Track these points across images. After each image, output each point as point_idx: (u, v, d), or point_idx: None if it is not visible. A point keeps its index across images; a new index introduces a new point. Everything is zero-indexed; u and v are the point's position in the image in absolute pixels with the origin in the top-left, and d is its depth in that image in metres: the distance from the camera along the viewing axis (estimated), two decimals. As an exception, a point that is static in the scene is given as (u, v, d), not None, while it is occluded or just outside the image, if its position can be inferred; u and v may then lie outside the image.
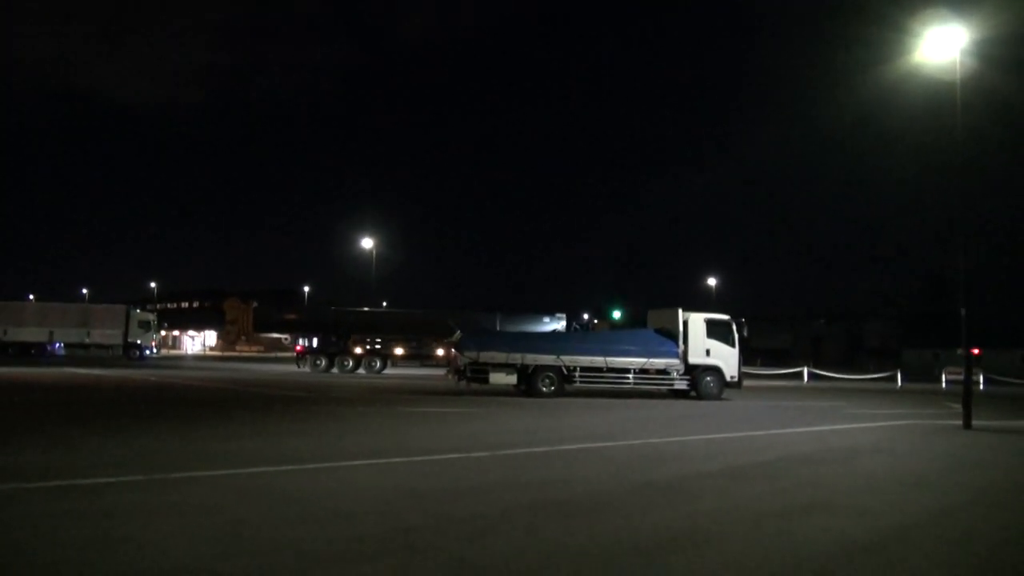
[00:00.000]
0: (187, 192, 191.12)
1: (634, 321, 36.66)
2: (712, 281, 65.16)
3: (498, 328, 32.58)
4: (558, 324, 35.29)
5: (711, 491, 7.64)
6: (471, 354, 21.48)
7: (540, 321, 35.09)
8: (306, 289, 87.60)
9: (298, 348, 39.64)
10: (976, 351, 16.36)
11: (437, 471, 8.43)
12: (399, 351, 37.16)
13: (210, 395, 20.42)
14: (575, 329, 34.91)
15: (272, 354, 75.73)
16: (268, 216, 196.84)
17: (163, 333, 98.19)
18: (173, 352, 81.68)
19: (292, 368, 37.83)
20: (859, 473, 9.17)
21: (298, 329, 39.98)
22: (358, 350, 35.54)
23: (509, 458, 9.57)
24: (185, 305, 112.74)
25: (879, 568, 5.05)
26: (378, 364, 35.32)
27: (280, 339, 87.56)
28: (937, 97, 17.48)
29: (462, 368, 21.63)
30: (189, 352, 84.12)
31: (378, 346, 36.00)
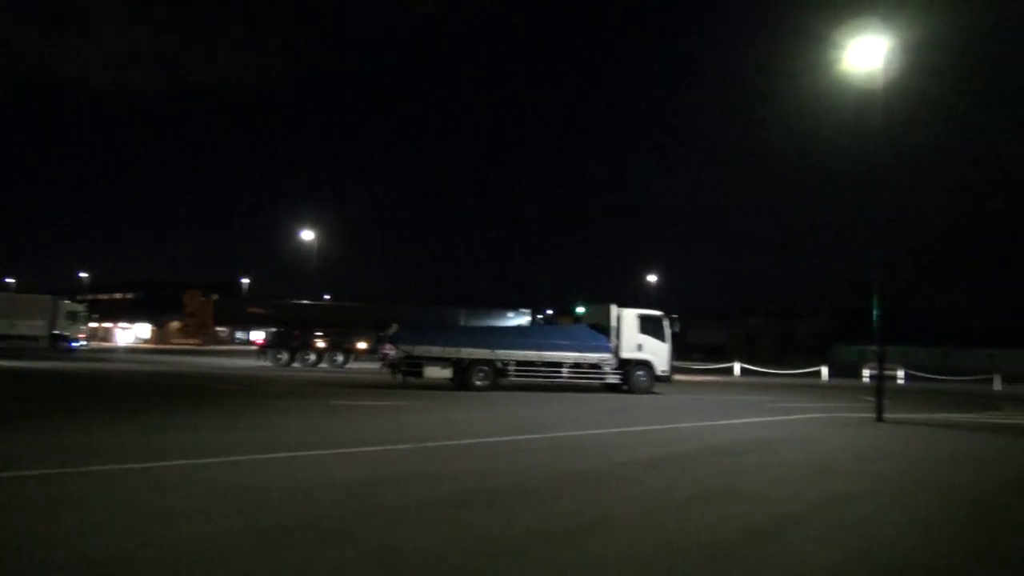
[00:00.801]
0: (121, 181, 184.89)
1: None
2: (652, 278, 66.42)
3: (463, 323, 32.59)
4: (523, 319, 35.46)
5: (628, 481, 7.89)
6: (406, 348, 21.46)
7: (505, 316, 35.17)
8: (245, 281, 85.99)
9: (259, 342, 38.84)
10: (887, 347, 17.06)
11: (361, 463, 8.48)
12: (362, 345, 36.80)
13: (139, 388, 19.93)
14: (540, 323, 35.25)
15: (209, 347, 74.12)
16: (205, 206, 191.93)
17: (93, 325, 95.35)
18: (105, 344, 79.10)
19: (229, 361, 37.08)
20: (771, 463, 9.55)
21: (261, 323, 39.21)
22: (320, 344, 35.09)
23: (435, 450, 9.66)
24: (118, 296, 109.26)
25: (773, 551, 5.33)
26: (340, 358, 34.85)
27: (217, 331, 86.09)
28: (866, 103, 18.17)
29: (397, 362, 21.61)
30: (121, 344, 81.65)
31: (340, 340, 35.50)
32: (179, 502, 6.16)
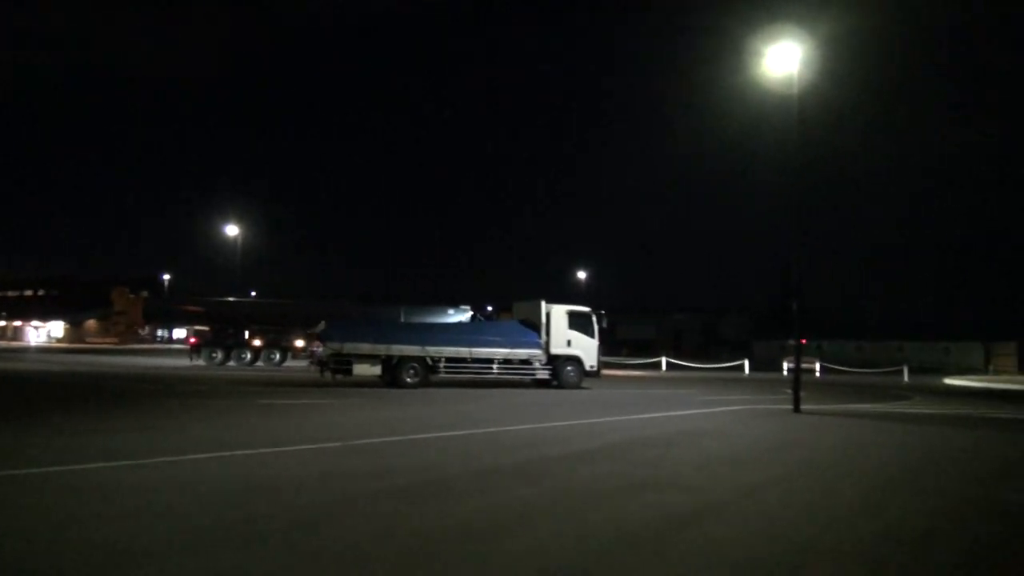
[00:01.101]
0: (30, 174, 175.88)
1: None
2: (582, 275, 67.34)
3: (402, 320, 32.17)
4: (463, 316, 35.22)
5: (555, 474, 8.01)
6: (334, 345, 21.18)
7: (445, 313, 34.82)
8: (166, 277, 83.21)
9: (192, 340, 37.46)
10: (803, 341, 17.79)
11: (284, 462, 8.36)
12: (299, 343, 35.96)
13: (52, 389, 19.09)
14: (479, 320, 35.00)
15: (128, 346, 71.41)
16: (120, 201, 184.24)
17: (1, 323, 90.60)
18: (14, 344, 75.40)
19: (155, 361, 35.83)
20: (693, 454, 9.85)
21: (194, 320, 37.79)
22: (257, 342, 34.07)
23: (362, 448, 9.59)
24: (29, 293, 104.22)
25: (691, 537, 5.51)
26: (277, 356, 33.83)
27: (136, 330, 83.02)
28: (782, 106, 18.84)
29: (325, 360, 21.31)
30: (32, 344, 77.99)
31: (277, 338, 34.48)
32: (97, 505, 5.97)
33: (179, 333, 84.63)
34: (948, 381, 38.73)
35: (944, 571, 4.89)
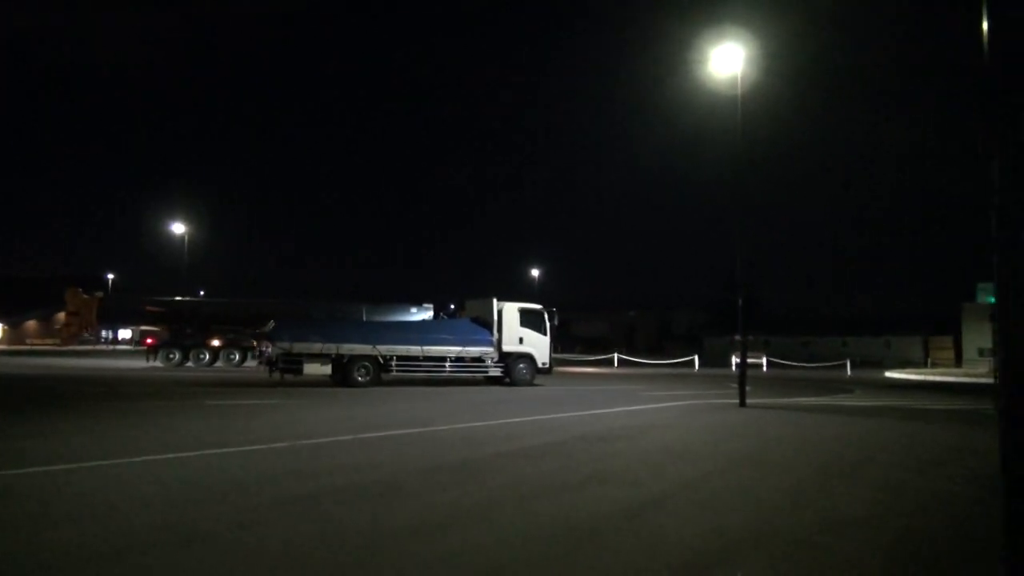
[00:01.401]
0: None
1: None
2: (536, 272, 67.70)
3: (364, 319, 31.75)
4: (426, 314, 34.91)
5: (502, 470, 8.07)
6: (284, 344, 20.92)
7: (407, 311, 34.46)
8: (110, 276, 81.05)
9: (148, 341, 36.37)
10: (744, 337, 18.19)
11: (230, 464, 8.24)
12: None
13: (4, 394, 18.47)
14: (442, 318, 34.79)
15: (72, 347, 69.36)
16: (57, 198, 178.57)
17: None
18: (-53, 346, 72.64)
19: (104, 362, 34.85)
20: (639, 448, 10.00)
21: (151, 320, 36.65)
22: (216, 342, 33.22)
23: (309, 447, 9.51)
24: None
25: (636, 528, 5.61)
26: (237, 357, 33.02)
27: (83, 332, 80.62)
28: (727, 106, 19.22)
29: (274, 359, 21.03)
30: (-34, 347, 75.24)
31: (237, 338, 33.59)
32: (34, 508, 5.82)
33: (124, 334, 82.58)
34: (889, 374, 39.96)
35: (875, 556, 5.07)
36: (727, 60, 16.95)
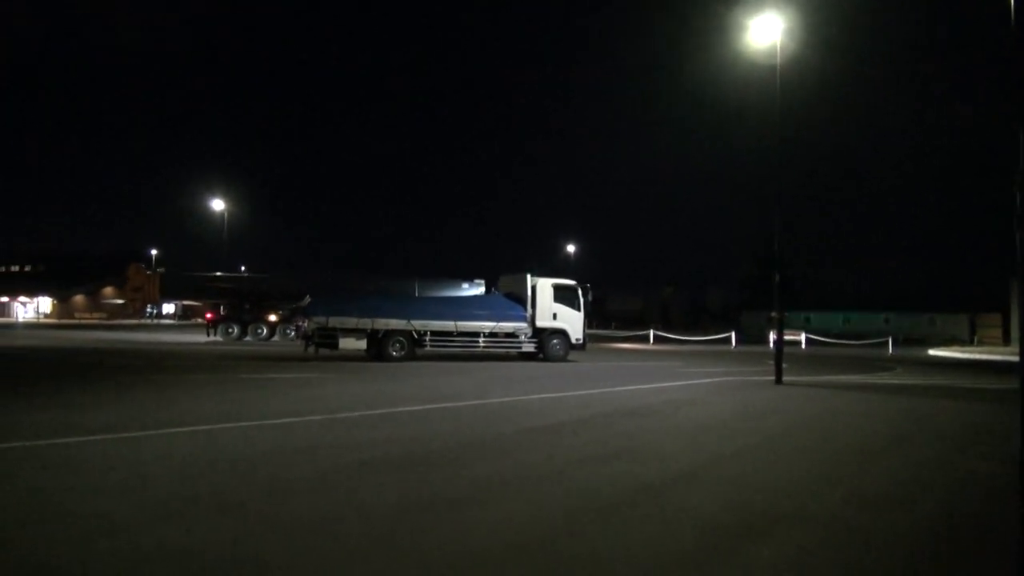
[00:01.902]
0: (7, 149, 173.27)
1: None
2: (571, 248, 67.48)
3: (417, 295, 32.10)
4: (477, 289, 35.23)
5: (532, 445, 8.09)
6: (319, 319, 21.19)
7: (459, 287, 34.83)
8: (154, 252, 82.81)
9: (209, 316, 37.43)
10: (785, 313, 17.96)
11: (265, 436, 8.40)
12: None
13: (36, 366, 19.06)
14: (494, 294, 35.23)
15: (116, 321, 71.18)
16: (101, 175, 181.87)
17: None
18: (1, 320, 75.02)
19: (154, 336, 35.73)
20: (671, 424, 9.95)
21: (211, 296, 37.60)
22: (272, 317, 34.08)
23: (344, 421, 9.65)
24: (15, 269, 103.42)
25: (661, 504, 5.59)
26: (293, 331, 33.82)
27: (125, 305, 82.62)
28: (767, 77, 18.81)
29: (311, 334, 21.31)
30: (20, 320, 77.58)
31: (293, 313, 34.29)
32: (64, 481, 6.00)
33: (168, 308, 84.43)
34: (933, 352, 39.12)
35: (905, 535, 4.99)
36: (765, 30, 16.56)
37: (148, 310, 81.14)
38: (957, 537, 5.09)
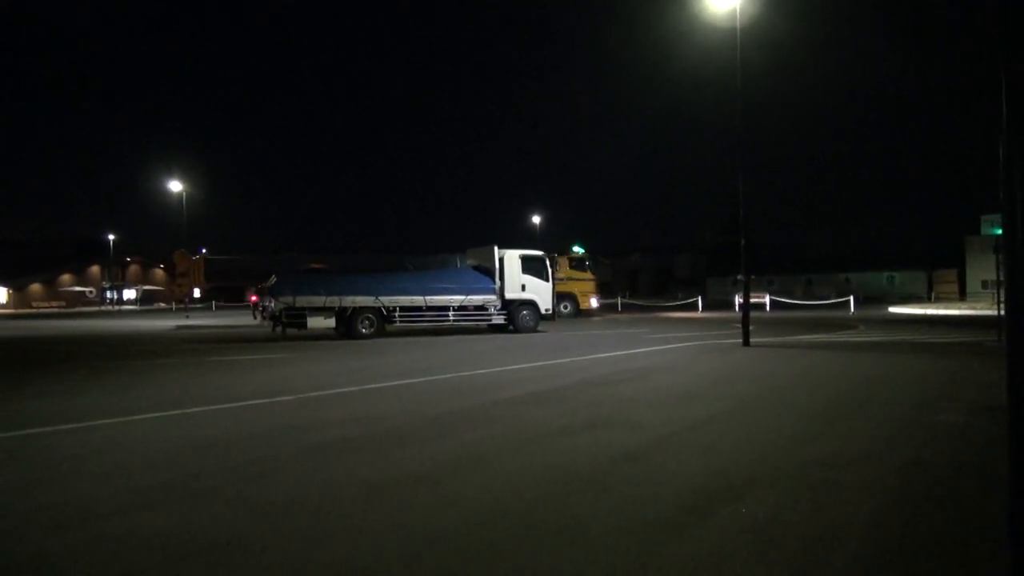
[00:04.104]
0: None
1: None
2: (537, 219, 67.43)
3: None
4: None
5: (505, 417, 8.08)
6: (286, 299, 20.93)
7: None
8: (111, 237, 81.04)
9: (253, 298, 36.89)
10: (747, 277, 18.18)
11: (236, 418, 8.28)
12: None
13: (4, 356, 18.58)
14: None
15: (75, 309, 69.67)
16: (46, 159, 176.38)
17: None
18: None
19: (124, 323, 34.97)
20: (644, 391, 10.02)
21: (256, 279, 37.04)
22: None
23: (314, 400, 9.55)
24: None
25: (636, 471, 5.63)
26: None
27: (84, 292, 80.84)
28: (726, 41, 18.78)
29: (278, 314, 21.04)
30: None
31: None
32: (35, 471, 5.86)
33: (129, 294, 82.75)
34: (892, 309, 39.97)
35: (878, 489, 5.08)
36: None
37: (108, 295, 79.54)
38: (931, 487, 5.20)
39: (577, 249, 38.49)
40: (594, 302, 36.46)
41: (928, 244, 71.53)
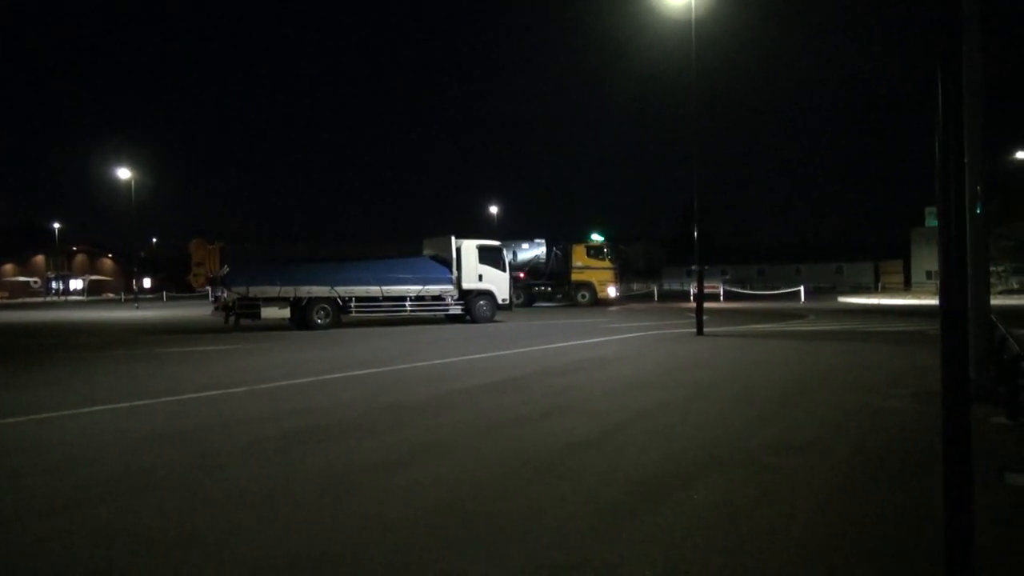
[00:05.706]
0: None
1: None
2: (494, 209, 67.33)
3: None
4: (538, 250, 34.75)
5: (462, 406, 8.11)
6: (240, 289, 20.57)
7: (519, 247, 34.21)
8: (56, 226, 78.73)
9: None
10: (700, 267, 18.50)
11: (190, 410, 8.16)
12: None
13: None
14: (555, 255, 34.92)
15: (19, 300, 67.55)
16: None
17: None
18: None
19: (83, 314, 33.93)
20: (599, 379, 10.13)
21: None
22: None
23: (268, 391, 9.45)
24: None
25: (592, 458, 5.71)
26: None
27: (28, 282, 78.41)
28: (680, 33, 18.96)
29: (231, 304, 20.68)
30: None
31: None
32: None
33: (75, 284, 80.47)
34: (841, 300, 40.95)
35: (825, 473, 5.24)
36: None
37: (52, 286, 77.31)
38: (875, 470, 5.38)
39: (596, 237, 38.01)
40: (612, 291, 36.21)
41: (876, 236, 73.48)
